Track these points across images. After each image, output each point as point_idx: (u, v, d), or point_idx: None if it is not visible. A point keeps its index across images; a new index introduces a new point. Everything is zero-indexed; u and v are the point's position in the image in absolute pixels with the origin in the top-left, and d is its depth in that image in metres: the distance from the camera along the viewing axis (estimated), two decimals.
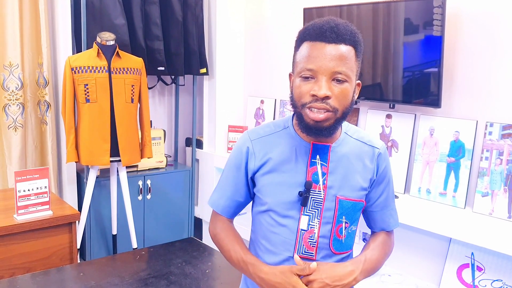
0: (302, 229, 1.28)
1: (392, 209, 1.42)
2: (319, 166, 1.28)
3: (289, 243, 1.30)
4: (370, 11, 2.65)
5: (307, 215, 1.28)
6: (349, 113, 1.24)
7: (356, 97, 1.27)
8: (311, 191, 1.27)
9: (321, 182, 1.28)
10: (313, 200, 1.28)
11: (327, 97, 1.17)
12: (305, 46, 1.21)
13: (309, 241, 1.29)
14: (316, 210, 1.28)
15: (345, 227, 1.31)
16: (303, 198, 1.27)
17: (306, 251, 1.29)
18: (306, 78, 1.19)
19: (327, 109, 1.18)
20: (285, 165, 1.30)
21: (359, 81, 1.28)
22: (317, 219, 1.28)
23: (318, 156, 1.29)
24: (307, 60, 1.19)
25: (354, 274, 1.24)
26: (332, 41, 1.17)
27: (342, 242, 1.32)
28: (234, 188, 1.38)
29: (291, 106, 1.26)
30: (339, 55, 1.17)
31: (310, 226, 1.28)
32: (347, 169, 1.30)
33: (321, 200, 1.28)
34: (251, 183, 1.38)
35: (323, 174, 1.28)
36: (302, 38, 1.23)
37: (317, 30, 1.19)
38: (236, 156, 1.37)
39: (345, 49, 1.18)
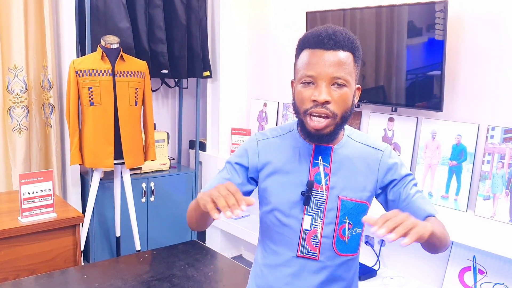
0: (305, 229, 1.31)
1: (424, 198, 1.36)
2: (321, 167, 1.32)
3: (292, 243, 1.32)
4: (373, 14, 2.66)
5: (310, 215, 1.31)
6: (349, 117, 1.28)
7: (356, 101, 1.31)
8: (313, 191, 1.30)
9: (323, 183, 1.31)
10: (316, 200, 1.31)
11: (327, 102, 1.21)
12: (305, 54, 1.26)
13: (312, 241, 1.31)
14: (319, 210, 1.31)
15: (349, 228, 1.32)
16: (305, 197, 1.30)
17: (309, 251, 1.32)
18: (307, 84, 1.24)
19: (327, 115, 1.22)
20: (289, 166, 1.34)
21: (359, 85, 1.32)
22: (320, 219, 1.31)
23: (320, 157, 1.32)
24: (307, 67, 1.24)
25: (427, 223, 1.12)
26: (330, 48, 1.22)
27: (345, 244, 1.33)
28: (230, 180, 1.36)
29: (294, 112, 1.30)
30: (337, 61, 1.21)
31: (313, 226, 1.31)
32: (349, 170, 1.33)
33: (324, 200, 1.31)
34: (251, 181, 1.39)
35: (326, 174, 1.31)
36: (301, 46, 1.28)
37: (315, 37, 1.24)
38: (240, 153, 1.40)
39: (343, 55, 1.23)
